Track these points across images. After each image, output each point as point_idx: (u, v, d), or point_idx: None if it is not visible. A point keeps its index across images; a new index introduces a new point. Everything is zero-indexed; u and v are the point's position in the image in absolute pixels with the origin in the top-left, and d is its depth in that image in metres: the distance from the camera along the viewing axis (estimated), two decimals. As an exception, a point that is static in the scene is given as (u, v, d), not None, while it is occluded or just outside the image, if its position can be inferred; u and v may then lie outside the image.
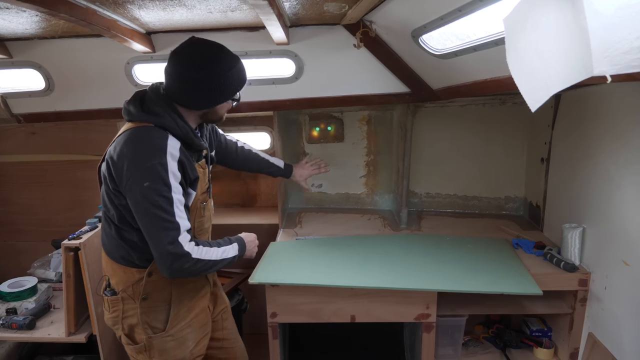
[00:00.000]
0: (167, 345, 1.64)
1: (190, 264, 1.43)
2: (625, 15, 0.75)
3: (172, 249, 1.39)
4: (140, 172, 1.38)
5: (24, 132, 2.69)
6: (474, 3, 1.34)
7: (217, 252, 1.53)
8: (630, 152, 1.64)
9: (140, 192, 1.38)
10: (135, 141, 1.43)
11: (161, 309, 1.63)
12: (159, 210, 1.38)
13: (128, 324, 1.64)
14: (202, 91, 1.48)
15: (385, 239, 2.39)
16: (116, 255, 1.61)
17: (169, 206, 1.39)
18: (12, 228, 2.83)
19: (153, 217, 1.39)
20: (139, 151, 1.41)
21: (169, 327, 1.63)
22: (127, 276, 1.60)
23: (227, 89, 1.52)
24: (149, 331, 1.62)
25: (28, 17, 1.78)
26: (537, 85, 0.93)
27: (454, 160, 2.75)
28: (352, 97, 2.36)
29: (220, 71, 1.48)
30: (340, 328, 2.46)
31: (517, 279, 1.88)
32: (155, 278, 1.59)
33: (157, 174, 1.38)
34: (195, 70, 1.45)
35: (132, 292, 1.60)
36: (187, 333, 1.69)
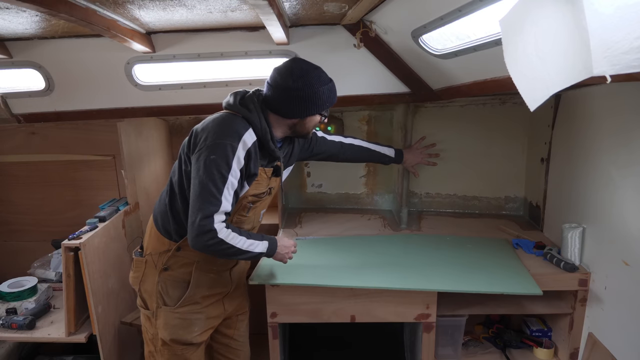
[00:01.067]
0: (172, 322, 1.73)
1: (214, 242, 1.51)
2: (625, 15, 0.75)
3: (204, 221, 1.49)
4: (212, 145, 1.52)
5: (24, 132, 2.69)
6: (474, 3, 1.34)
7: (243, 242, 1.59)
8: (630, 152, 1.64)
9: (205, 161, 1.51)
10: (221, 121, 1.60)
11: (177, 286, 1.72)
12: (211, 183, 1.50)
13: (145, 289, 1.75)
14: (296, 100, 1.62)
15: (385, 239, 2.39)
16: (160, 221, 1.73)
17: (221, 184, 1.51)
18: (12, 228, 2.83)
19: (203, 187, 1.50)
20: (220, 128, 1.57)
21: (179, 305, 1.71)
22: (158, 244, 1.72)
23: (318, 102, 1.64)
24: (160, 301, 1.72)
25: (28, 17, 1.78)
26: (536, 85, 0.93)
27: (454, 160, 2.75)
28: (352, 97, 2.36)
29: (314, 84, 1.62)
30: (340, 328, 2.46)
31: (517, 279, 1.88)
32: (181, 254, 1.70)
33: (225, 152, 1.52)
34: (292, 81, 1.60)
35: (157, 259, 1.71)
36: (196, 319, 1.76)
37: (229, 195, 1.54)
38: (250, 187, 1.66)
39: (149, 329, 1.79)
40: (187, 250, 1.65)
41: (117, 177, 2.71)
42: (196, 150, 1.56)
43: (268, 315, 1.98)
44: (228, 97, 1.70)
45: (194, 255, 1.69)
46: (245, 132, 1.57)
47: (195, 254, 1.68)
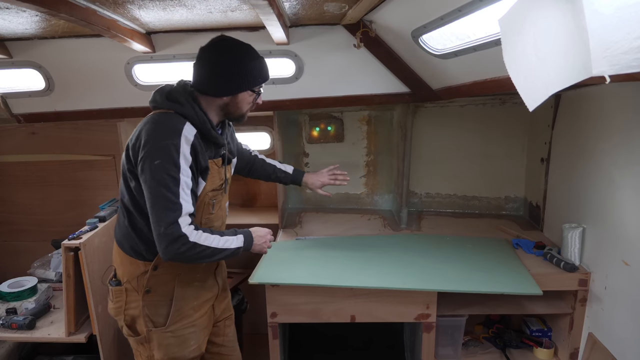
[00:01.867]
0: (167, 341, 1.65)
1: (187, 247, 1.43)
2: (624, 15, 0.75)
3: (170, 229, 1.41)
4: (153, 150, 1.43)
5: (24, 132, 2.69)
6: (474, 3, 1.34)
7: (218, 241, 1.51)
8: (630, 152, 1.64)
9: (150, 169, 1.42)
10: (154, 123, 1.49)
11: (164, 304, 1.64)
12: (164, 189, 1.41)
13: (130, 315, 1.66)
14: (224, 75, 1.53)
15: (385, 239, 2.39)
16: (126, 245, 1.63)
17: (175, 186, 1.42)
18: (12, 228, 2.83)
19: (157, 195, 1.42)
20: (156, 132, 1.46)
21: (170, 323, 1.64)
22: (133, 268, 1.62)
23: (248, 77, 1.56)
24: (150, 324, 1.64)
25: (28, 17, 1.78)
26: (535, 85, 0.93)
27: (454, 160, 2.75)
28: (352, 97, 2.36)
29: (243, 59, 1.54)
30: (340, 328, 2.46)
31: (517, 279, 1.88)
32: (160, 272, 1.61)
33: (168, 154, 1.42)
34: (219, 55, 1.53)
35: (137, 284, 1.62)
36: (190, 332, 1.69)
37: (187, 196, 1.46)
38: (207, 182, 1.59)
39: (143, 352, 1.70)
40: (165, 266, 1.59)
41: (117, 177, 2.71)
42: (137, 161, 1.46)
43: (268, 315, 1.98)
44: (153, 96, 1.58)
45: (173, 269, 1.61)
46: (184, 127, 1.47)
47: (175, 268, 1.61)
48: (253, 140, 2.98)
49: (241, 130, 2.95)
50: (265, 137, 2.99)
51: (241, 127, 2.94)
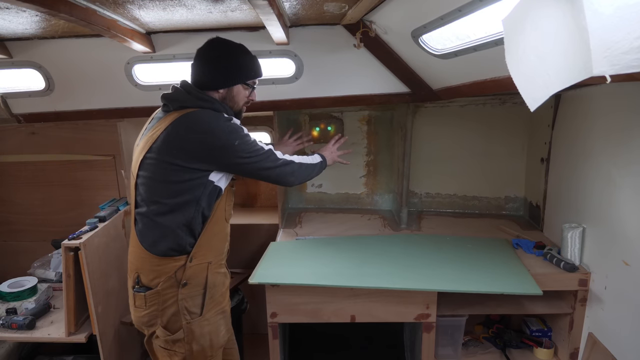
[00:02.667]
0: (204, 330, 1.70)
1: (296, 167, 1.77)
2: (624, 15, 0.75)
3: (281, 166, 1.71)
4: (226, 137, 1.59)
5: (24, 132, 2.69)
6: (474, 3, 1.34)
7: (305, 159, 1.86)
8: (630, 152, 1.64)
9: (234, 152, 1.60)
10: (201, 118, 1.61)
11: (198, 294, 1.69)
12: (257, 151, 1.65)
13: (168, 314, 1.67)
14: (219, 68, 1.67)
15: (385, 239, 2.39)
16: (163, 246, 1.64)
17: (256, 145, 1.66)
18: (12, 228, 2.83)
19: (256, 158, 1.65)
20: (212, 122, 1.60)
21: (205, 311, 1.70)
22: (168, 267, 1.64)
23: (242, 69, 1.70)
24: (188, 317, 1.67)
25: (28, 17, 1.78)
26: (536, 85, 0.93)
27: (454, 160, 2.75)
28: (352, 97, 2.36)
29: (238, 54, 1.70)
30: (340, 328, 2.46)
31: (517, 279, 1.88)
32: (194, 263, 1.66)
33: (237, 131, 1.62)
34: (215, 51, 1.68)
35: (175, 280, 1.65)
36: (220, 319, 1.76)
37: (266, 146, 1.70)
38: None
39: (179, 349, 1.69)
40: (199, 256, 1.66)
41: (117, 177, 2.71)
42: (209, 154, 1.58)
43: (268, 315, 1.98)
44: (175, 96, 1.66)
45: (205, 258, 1.68)
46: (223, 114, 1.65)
47: (206, 256, 1.68)
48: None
49: (241, 130, 2.95)
50: (265, 137, 2.99)
51: (241, 127, 2.94)
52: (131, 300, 1.72)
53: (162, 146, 1.58)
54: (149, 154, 1.61)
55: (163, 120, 1.63)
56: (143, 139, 1.69)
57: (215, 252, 1.73)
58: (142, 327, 1.74)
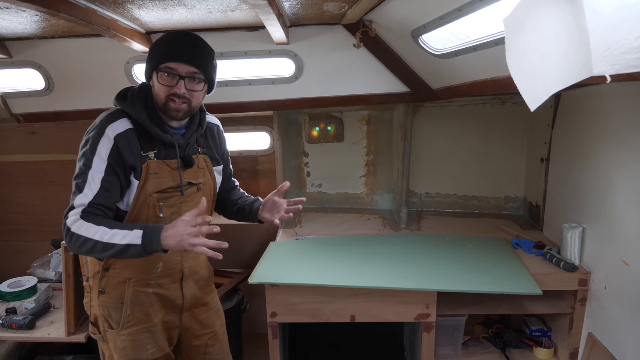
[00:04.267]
0: (122, 344, 1.59)
1: (69, 237, 1.38)
2: (625, 15, 0.75)
3: (64, 218, 1.41)
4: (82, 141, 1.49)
5: (24, 132, 2.69)
6: (474, 3, 1.34)
7: (103, 233, 1.35)
8: (630, 152, 1.64)
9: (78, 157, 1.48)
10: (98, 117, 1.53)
11: (116, 307, 1.58)
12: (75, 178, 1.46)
13: (93, 314, 1.64)
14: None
15: (385, 239, 2.39)
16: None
17: (80, 177, 1.45)
18: (12, 228, 2.83)
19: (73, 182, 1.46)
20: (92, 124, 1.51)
21: (122, 327, 1.58)
22: (92, 265, 1.61)
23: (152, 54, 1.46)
24: (106, 325, 1.60)
25: (28, 17, 1.78)
26: (537, 85, 0.93)
27: (454, 160, 2.75)
28: (352, 97, 2.36)
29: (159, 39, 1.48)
30: (340, 328, 2.46)
31: (517, 279, 1.88)
32: (111, 274, 1.55)
33: (88, 145, 1.46)
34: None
35: (93, 283, 1.60)
36: (146, 338, 1.60)
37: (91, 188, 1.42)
38: (150, 182, 1.48)
39: (106, 352, 1.66)
40: (116, 268, 1.54)
41: (117, 177, 2.71)
42: None
43: (268, 315, 1.98)
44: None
45: (123, 272, 1.55)
46: (112, 123, 1.46)
47: (125, 271, 1.55)
48: (253, 140, 2.98)
49: (241, 130, 2.95)
50: (265, 137, 2.99)
51: (241, 127, 2.94)
52: None
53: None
54: None
55: None
56: None
57: (136, 269, 1.54)
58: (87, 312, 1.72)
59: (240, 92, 2.38)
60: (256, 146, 2.96)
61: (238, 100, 2.41)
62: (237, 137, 2.95)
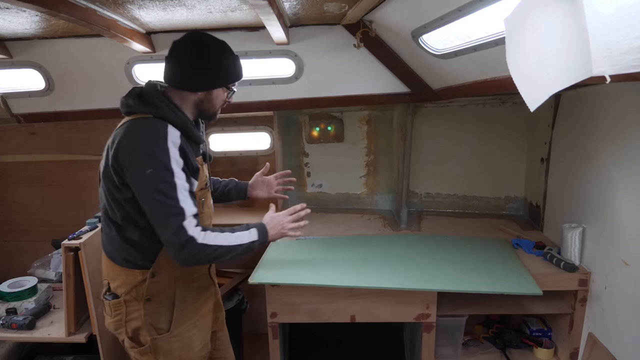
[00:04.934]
0: (172, 346, 1.62)
1: (197, 250, 1.40)
2: (624, 16, 0.75)
3: (177, 235, 1.38)
4: (142, 160, 1.39)
5: (24, 132, 2.69)
6: (474, 3, 1.34)
7: (228, 238, 1.47)
8: (630, 152, 1.64)
9: (143, 180, 1.39)
10: (135, 131, 1.44)
11: (165, 310, 1.60)
12: (163, 196, 1.38)
13: (132, 327, 1.60)
14: (200, 70, 1.51)
15: (385, 239, 2.39)
16: (118, 257, 1.57)
17: (173, 191, 1.39)
18: (12, 228, 2.83)
19: (157, 204, 1.38)
20: (140, 140, 1.42)
21: (174, 328, 1.61)
22: (129, 278, 1.57)
23: (223, 73, 1.54)
24: (154, 332, 1.59)
25: (28, 17, 1.78)
26: (536, 85, 0.93)
27: (454, 160, 2.75)
28: (352, 97, 2.36)
29: (220, 54, 1.52)
30: (340, 328, 2.46)
31: (517, 279, 1.88)
32: (158, 279, 1.57)
33: (159, 161, 1.39)
34: (196, 49, 1.50)
35: (136, 294, 1.57)
36: (194, 334, 1.67)
37: (187, 198, 1.42)
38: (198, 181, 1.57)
39: None
40: (163, 272, 1.56)
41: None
42: (126, 173, 1.41)
43: (268, 315, 1.98)
44: (124, 101, 1.53)
45: (171, 274, 1.58)
46: (168, 131, 1.43)
47: (173, 272, 1.58)
48: (253, 140, 2.98)
49: (241, 130, 2.95)
50: (265, 137, 2.99)
51: (241, 127, 2.94)
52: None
53: (106, 157, 1.49)
54: (103, 162, 1.52)
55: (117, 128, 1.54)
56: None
57: (182, 267, 1.57)
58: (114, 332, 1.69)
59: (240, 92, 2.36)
60: (256, 146, 2.96)
61: (238, 100, 2.41)
62: (237, 137, 2.95)
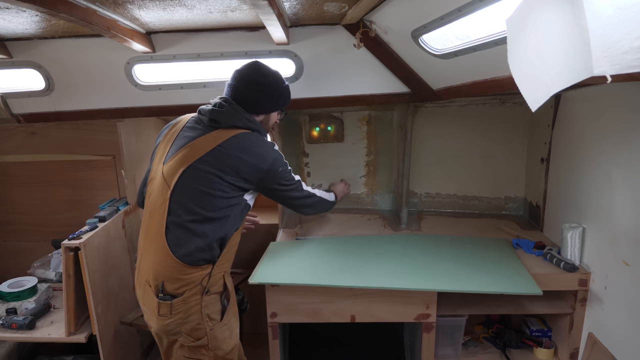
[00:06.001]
0: (224, 334, 1.76)
1: (316, 201, 2.01)
2: (625, 15, 0.75)
3: (306, 196, 1.95)
4: (276, 162, 1.77)
5: (24, 132, 2.69)
6: (474, 3, 1.34)
7: (324, 194, 2.09)
8: (630, 152, 1.64)
9: (280, 176, 1.80)
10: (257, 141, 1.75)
11: (217, 301, 1.74)
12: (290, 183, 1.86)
13: (192, 323, 1.69)
14: (267, 95, 1.80)
15: (385, 239, 2.39)
16: (199, 256, 1.66)
17: (292, 175, 1.88)
18: (12, 228, 2.83)
19: (289, 188, 1.86)
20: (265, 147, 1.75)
21: (225, 316, 1.76)
22: (196, 275, 1.67)
23: (283, 97, 1.86)
24: (210, 323, 1.71)
25: (28, 17, 1.78)
26: (538, 85, 0.94)
27: (454, 160, 2.75)
28: (352, 97, 2.36)
29: (279, 82, 1.84)
30: (340, 328, 2.46)
31: (517, 279, 1.88)
32: (216, 271, 1.72)
33: (281, 160, 1.80)
34: (263, 77, 1.79)
35: (201, 287, 1.68)
36: (234, 321, 1.83)
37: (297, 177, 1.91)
38: None
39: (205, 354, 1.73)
40: (220, 264, 1.72)
41: (117, 177, 2.71)
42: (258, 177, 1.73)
43: (268, 315, 1.98)
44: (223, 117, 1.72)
45: (223, 266, 1.75)
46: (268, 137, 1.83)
47: (224, 265, 1.75)
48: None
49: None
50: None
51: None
52: (154, 308, 1.67)
53: (214, 161, 1.65)
54: (198, 164, 1.65)
55: (214, 135, 1.70)
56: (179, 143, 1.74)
57: (230, 261, 1.81)
58: (163, 336, 1.76)
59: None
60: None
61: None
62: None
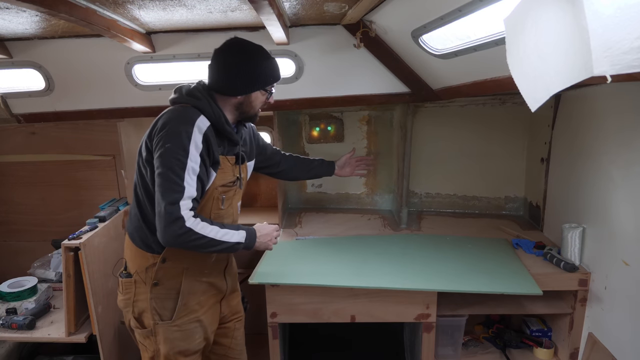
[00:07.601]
0: (172, 335, 1.67)
1: (183, 231, 1.45)
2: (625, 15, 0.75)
3: (170, 209, 1.44)
4: (167, 135, 1.50)
5: (24, 132, 2.69)
6: (474, 3, 1.34)
7: (216, 232, 1.52)
8: (630, 152, 1.64)
9: (161, 152, 1.49)
10: (171, 114, 1.57)
11: (170, 298, 1.66)
12: (170, 171, 1.47)
13: (138, 308, 1.68)
14: (239, 75, 1.61)
15: (385, 239, 2.39)
16: (137, 237, 1.66)
17: (181, 170, 1.47)
18: (12, 228, 2.83)
19: (164, 177, 1.47)
20: (171, 119, 1.54)
21: (176, 317, 1.66)
22: (142, 260, 1.65)
23: (261, 76, 1.64)
24: (157, 317, 1.66)
25: (28, 17, 1.78)
26: (537, 85, 0.93)
27: (454, 160, 2.75)
28: (352, 97, 2.36)
29: (256, 58, 1.63)
30: (340, 328, 2.46)
31: (517, 279, 1.88)
32: (168, 265, 1.64)
33: (179, 139, 1.49)
34: (234, 56, 1.61)
35: (145, 276, 1.65)
36: (195, 327, 1.71)
37: (192, 181, 1.49)
38: (217, 176, 1.63)
39: (149, 346, 1.71)
40: (173, 259, 1.63)
41: (117, 177, 2.71)
42: (154, 148, 1.52)
43: (268, 315, 1.98)
44: (173, 94, 1.66)
45: (181, 262, 1.65)
46: (198, 118, 1.54)
47: (183, 261, 1.65)
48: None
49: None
50: (265, 137, 2.99)
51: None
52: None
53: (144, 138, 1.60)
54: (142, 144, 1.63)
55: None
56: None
57: (192, 259, 1.66)
58: (122, 310, 1.77)
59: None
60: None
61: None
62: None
